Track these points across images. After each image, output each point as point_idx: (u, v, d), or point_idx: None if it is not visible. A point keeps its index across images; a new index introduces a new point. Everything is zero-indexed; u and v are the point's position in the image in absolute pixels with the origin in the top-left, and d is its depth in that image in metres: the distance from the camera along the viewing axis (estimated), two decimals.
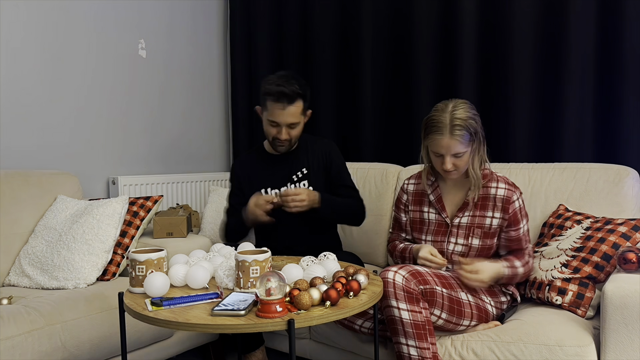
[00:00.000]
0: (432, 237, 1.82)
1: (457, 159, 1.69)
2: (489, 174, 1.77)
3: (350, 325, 1.79)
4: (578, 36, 2.22)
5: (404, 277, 1.54)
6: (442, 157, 1.69)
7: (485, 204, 1.75)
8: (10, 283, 2.06)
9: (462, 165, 1.70)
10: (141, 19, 2.91)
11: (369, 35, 2.80)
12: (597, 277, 1.70)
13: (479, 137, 1.69)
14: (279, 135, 2.03)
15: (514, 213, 1.73)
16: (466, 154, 1.68)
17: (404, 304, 1.52)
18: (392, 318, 1.55)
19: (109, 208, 2.12)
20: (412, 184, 1.92)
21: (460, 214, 1.78)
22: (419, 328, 1.53)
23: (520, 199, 1.75)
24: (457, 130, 1.64)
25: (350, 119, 2.93)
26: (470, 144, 1.67)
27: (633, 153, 2.15)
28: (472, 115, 1.67)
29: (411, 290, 1.53)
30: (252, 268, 1.38)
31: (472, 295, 1.67)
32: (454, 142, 1.65)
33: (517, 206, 1.73)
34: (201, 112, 3.28)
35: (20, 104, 2.43)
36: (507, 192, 1.73)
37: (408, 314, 1.52)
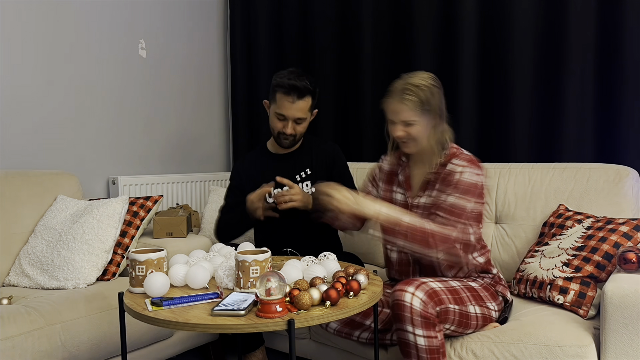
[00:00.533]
0: None
1: (408, 127, 1.65)
2: (454, 153, 1.71)
3: (348, 337, 1.78)
4: (578, 36, 2.22)
5: (422, 301, 1.47)
6: (395, 124, 1.66)
7: (445, 185, 1.68)
8: (10, 283, 2.06)
9: (414, 134, 1.65)
10: (141, 19, 2.91)
11: (369, 35, 2.80)
12: (598, 276, 1.70)
13: (434, 109, 1.65)
14: (285, 129, 2.04)
15: (447, 182, 1.64)
16: (418, 123, 1.64)
17: (421, 330, 1.47)
18: (406, 342, 1.50)
19: (109, 208, 2.11)
20: (387, 162, 1.88)
21: (421, 193, 1.73)
22: (433, 353, 1.49)
23: (467, 172, 1.63)
24: (406, 95, 1.62)
25: (351, 119, 2.93)
26: (422, 113, 1.63)
27: (633, 153, 2.15)
28: (427, 85, 1.64)
29: (429, 316, 1.48)
30: (252, 268, 1.37)
31: (479, 305, 1.64)
32: (402, 107, 1.63)
33: (456, 177, 1.63)
34: (201, 112, 3.28)
35: (21, 104, 2.43)
36: (454, 166, 1.66)
37: (424, 340, 1.48)
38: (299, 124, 2.05)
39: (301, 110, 2.01)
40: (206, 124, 3.32)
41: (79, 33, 2.63)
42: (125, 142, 2.87)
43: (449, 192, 1.63)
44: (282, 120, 2.04)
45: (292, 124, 2.03)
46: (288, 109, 2.00)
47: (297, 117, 2.02)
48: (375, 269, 2.36)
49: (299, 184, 2.13)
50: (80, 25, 2.64)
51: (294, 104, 1.99)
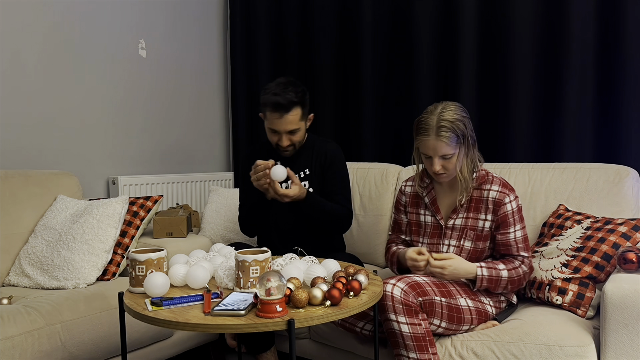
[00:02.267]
0: (428, 239, 1.82)
1: (445, 161, 1.68)
2: (484, 175, 1.76)
3: (352, 328, 1.79)
4: (578, 36, 2.22)
5: (402, 290, 1.53)
6: (431, 158, 1.69)
7: (478, 206, 1.74)
8: (10, 283, 2.06)
9: (451, 168, 1.70)
10: (141, 19, 2.91)
11: (369, 34, 2.80)
12: (597, 277, 1.70)
13: (467, 139, 1.69)
14: (280, 142, 2.05)
15: (504, 215, 1.71)
16: (454, 156, 1.68)
17: (403, 317, 1.53)
18: (392, 331, 1.55)
19: (109, 208, 2.11)
20: (410, 185, 1.91)
21: (454, 215, 1.77)
22: (419, 340, 1.53)
23: (513, 202, 1.71)
24: (443, 132, 1.64)
25: (350, 118, 2.93)
26: (457, 146, 1.67)
27: (633, 153, 2.15)
28: (460, 118, 1.67)
29: (410, 303, 1.53)
30: (252, 268, 1.38)
31: (472, 299, 1.66)
32: (440, 144, 1.65)
33: (508, 209, 1.71)
34: (201, 112, 3.28)
35: (21, 104, 2.43)
36: (499, 195, 1.71)
37: (407, 327, 1.53)
38: (293, 135, 2.04)
39: (291, 122, 2.00)
40: (206, 124, 3.32)
41: (79, 33, 2.63)
42: (125, 142, 2.87)
43: (514, 229, 1.71)
44: (276, 134, 2.04)
45: (286, 136, 2.03)
46: (278, 124, 2.00)
47: (288, 130, 2.01)
48: (375, 269, 2.36)
49: None
50: (81, 25, 2.63)
51: (282, 118, 1.98)
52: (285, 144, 2.05)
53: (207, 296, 1.29)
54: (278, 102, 1.96)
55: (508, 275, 1.68)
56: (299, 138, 2.08)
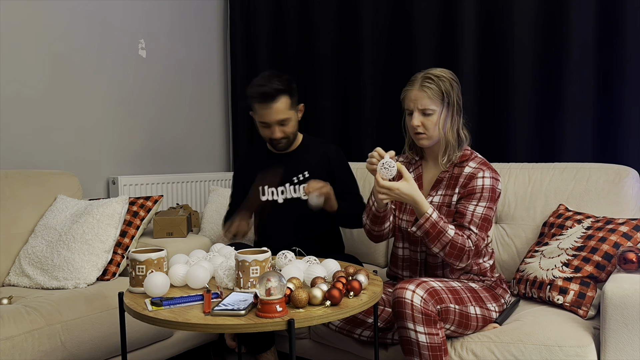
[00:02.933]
0: (408, 216, 1.78)
1: (425, 118, 1.65)
2: (469, 154, 1.74)
3: (350, 335, 1.79)
4: (578, 35, 2.22)
5: (422, 299, 1.48)
6: (412, 114, 1.67)
7: (455, 183, 1.71)
8: (10, 283, 2.06)
9: (431, 127, 1.66)
10: (141, 19, 2.91)
11: (369, 34, 2.80)
12: (598, 276, 1.70)
13: (452, 102, 1.66)
14: (273, 134, 2.03)
15: (472, 188, 1.65)
16: (435, 114, 1.65)
17: (422, 327, 1.48)
18: (408, 339, 1.51)
19: (109, 208, 2.11)
20: (400, 162, 1.88)
21: (433, 192, 1.74)
22: (435, 350, 1.50)
23: (487, 179, 1.65)
24: (427, 82, 1.63)
25: (351, 118, 2.93)
26: (440, 104, 1.64)
27: (633, 153, 2.15)
28: (447, 77, 1.66)
29: (429, 313, 1.48)
30: (252, 268, 1.37)
31: (480, 306, 1.64)
32: (422, 94, 1.63)
33: (478, 183, 1.65)
34: (201, 112, 3.28)
35: (21, 104, 2.43)
36: (474, 170, 1.68)
37: (425, 337, 1.49)
38: (284, 125, 2.03)
39: (279, 111, 1.99)
40: (206, 124, 3.32)
41: (79, 33, 2.63)
42: (125, 142, 2.87)
43: (475, 202, 1.64)
44: (267, 127, 2.03)
45: (277, 127, 2.02)
46: (266, 115, 1.99)
47: (278, 120, 2.00)
48: (375, 269, 2.36)
49: (296, 186, 2.12)
50: (81, 25, 2.63)
51: (269, 108, 1.97)
52: (278, 136, 2.03)
53: (207, 296, 1.29)
54: (264, 92, 1.96)
55: (453, 235, 1.57)
56: (291, 129, 2.06)
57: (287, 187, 2.12)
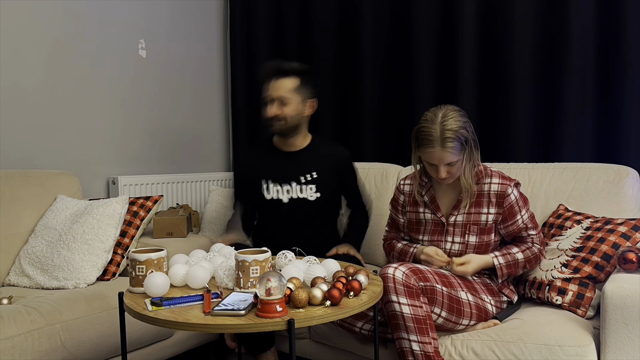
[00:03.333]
0: (429, 236, 1.82)
1: (450, 167, 1.69)
2: (483, 170, 1.77)
3: (350, 328, 1.79)
4: (578, 35, 2.22)
5: (404, 273, 1.55)
6: (436, 166, 1.69)
7: (479, 201, 1.75)
8: (10, 283, 2.06)
9: (455, 172, 1.70)
10: (141, 19, 2.91)
11: (370, 34, 2.80)
12: (597, 277, 1.70)
13: (470, 144, 1.69)
14: (270, 111, 2.02)
15: (510, 206, 1.73)
16: (459, 161, 1.69)
17: (405, 298, 1.53)
18: (393, 313, 1.55)
19: (109, 208, 2.11)
20: (408, 184, 1.91)
21: (454, 212, 1.77)
22: (420, 322, 1.54)
23: (515, 191, 1.74)
24: (449, 142, 1.63)
25: (351, 118, 2.93)
26: (462, 152, 1.67)
27: (633, 153, 2.15)
28: (462, 125, 1.66)
29: (411, 285, 1.54)
30: (252, 268, 1.38)
31: (472, 294, 1.67)
32: (446, 154, 1.64)
33: (512, 199, 1.73)
34: (201, 112, 3.28)
35: (21, 104, 2.43)
36: (500, 187, 1.73)
37: (409, 308, 1.53)
38: (284, 105, 2.00)
39: (283, 88, 1.98)
40: (206, 124, 3.32)
41: (79, 32, 2.63)
42: (125, 142, 2.87)
43: (520, 214, 1.75)
44: (267, 103, 2.03)
45: (276, 103, 2.00)
46: (270, 89, 2.00)
47: (279, 96, 1.98)
48: (375, 269, 2.36)
49: (303, 186, 2.11)
50: (81, 25, 2.64)
51: (277, 82, 1.99)
52: (273, 113, 2.01)
53: (207, 296, 1.29)
54: (276, 66, 2.01)
55: (524, 257, 1.74)
56: (291, 112, 2.02)
57: (293, 186, 2.10)
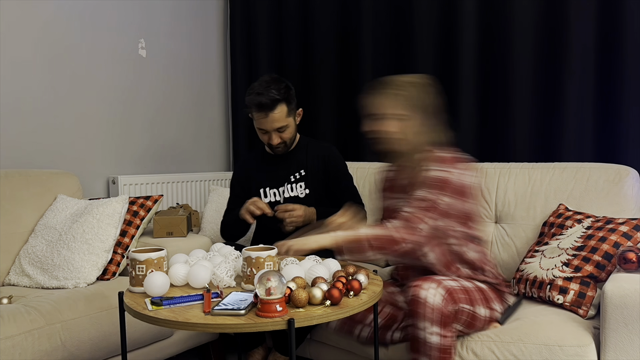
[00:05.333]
0: (397, 195, 1.77)
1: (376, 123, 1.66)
2: (426, 155, 1.66)
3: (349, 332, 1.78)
4: (578, 35, 2.22)
5: (444, 298, 1.46)
6: None
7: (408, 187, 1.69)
8: (10, 282, 2.06)
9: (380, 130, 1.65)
10: (141, 19, 2.91)
11: (369, 34, 2.80)
12: (598, 276, 1.70)
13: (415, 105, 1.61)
14: (270, 140, 2.06)
15: (419, 183, 1.59)
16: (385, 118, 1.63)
17: (438, 328, 1.45)
18: (417, 338, 1.48)
19: (109, 207, 2.11)
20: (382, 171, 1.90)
21: (387, 194, 1.78)
22: (445, 352, 1.48)
23: (433, 171, 1.58)
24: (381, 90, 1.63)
25: (350, 118, 2.93)
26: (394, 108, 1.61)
27: (633, 153, 2.15)
28: (405, 82, 1.63)
29: (447, 313, 1.46)
30: (267, 264, 1.40)
31: (488, 308, 1.63)
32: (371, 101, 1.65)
33: (423, 175, 1.60)
34: (201, 112, 3.28)
35: (21, 104, 2.43)
36: (425, 170, 1.62)
37: (439, 338, 1.46)
38: (282, 132, 2.05)
39: (277, 120, 2.00)
40: (206, 124, 3.32)
41: (79, 32, 2.63)
42: (125, 142, 2.87)
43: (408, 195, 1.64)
44: (265, 133, 2.05)
45: (275, 134, 2.04)
46: (265, 123, 2.01)
47: (276, 128, 2.02)
48: (375, 269, 2.36)
49: (294, 184, 2.13)
50: (81, 25, 2.64)
51: (268, 117, 1.99)
52: (276, 142, 2.06)
53: (207, 296, 1.29)
54: (260, 102, 1.97)
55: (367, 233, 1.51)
56: (289, 135, 2.08)
57: (286, 187, 2.14)
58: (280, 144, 2.08)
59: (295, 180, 2.13)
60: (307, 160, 2.15)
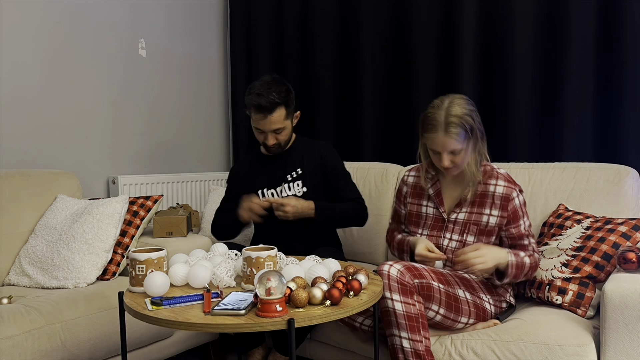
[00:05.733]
0: (429, 231, 1.81)
1: (454, 156, 1.68)
2: (490, 171, 1.76)
3: (351, 323, 1.79)
4: (578, 35, 2.22)
5: (399, 270, 1.54)
6: (440, 154, 1.68)
7: (483, 201, 1.74)
8: (10, 282, 2.06)
9: (460, 162, 1.69)
10: (141, 19, 2.91)
11: (369, 34, 2.80)
12: (597, 276, 1.70)
13: (475, 133, 1.67)
14: (266, 141, 2.08)
15: (514, 210, 1.72)
16: (463, 151, 1.67)
17: (398, 295, 1.53)
18: (386, 310, 1.55)
19: (109, 207, 2.11)
20: (413, 176, 1.91)
21: (457, 209, 1.77)
22: (411, 320, 1.53)
23: (520, 196, 1.73)
24: (452, 128, 1.62)
25: (351, 118, 2.93)
26: (466, 141, 1.66)
27: (633, 153, 2.15)
28: (468, 112, 1.65)
29: (405, 283, 1.53)
30: (267, 264, 1.40)
31: (470, 292, 1.67)
32: (449, 140, 1.64)
33: (516, 203, 1.72)
34: (201, 112, 3.29)
35: (21, 104, 2.43)
36: (505, 190, 1.72)
37: (401, 305, 1.52)
38: (278, 133, 2.07)
39: (275, 122, 2.03)
40: (206, 124, 3.32)
41: (79, 32, 2.63)
42: (125, 142, 2.87)
43: (522, 220, 1.74)
44: (262, 133, 2.07)
45: (271, 135, 2.06)
46: (262, 124, 2.03)
47: (273, 129, 2.04)
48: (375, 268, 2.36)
49: (291, 184, 2.13)
50: (81, 25, 2.64)
51: (266, 119, 2.01)
52: (271, 143, 2.08)
53: (207, 296, 1.30)
54: (260, 104, 1.98)
55: (530, 262, 1.69)
56: (285, 136, 2.10)
57: (283, 186, 2.14)
58: (275, 145, 2.10)
59: (292, 179, 2.14)
60: (303, 158, 2.16)
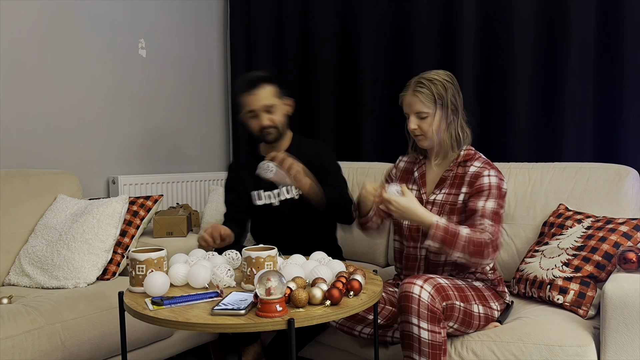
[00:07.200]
0: None
1: (421, 121, 1.70)
2: (472, 154, 1.76)
3: (350, 332, 1.79)
4: (578, 35, 2.22)
5: (430, 295, 1.48)
6: (409, 116, 1.71)
7: (460, 182, 1.73)
8: (10, 282, 2.06)
9: (427, 129, 1.70)
10: (141, 19, 2.91)
11: (369, 34, 2.80)
12: (598, 276, 1.70)
13: (446, 104, 1.68)
14: (261, 122, 2.04)
15: (479, 186, 1.67)
16: (430, 116, 1.69)
17: (426, 323, 1.48)
18: (409, 334, 1.50)
19: (109, 207, 2.11)
20: (404, 161, 1.92)
21: (436, 190, 1.76)
22: (435, 348, 1.49)
23: (493, 177, 1.67)
24: (419, 88, 1.68)
25: (351, 118, 2.93)
26: (434, 106, 1.68)
27: (633, 153, 2.15)
28: (441, 80, 1.69)
29: (435, 310, 1.48)
30: (267, 264, 1.40)
31: (483, 305, 1.64)
32: (415, 99, 1.68)
33: (485, 181, 1.67)
34: (201, 112, 3.28)
35: (21, 104, 2.43)
36: (478, 169, 1.70)
37: (428, 334, 1.48)
38: (271, 113, 2.04)
39: (264, 97, 2.01)
40: (206, 124, 3.32)
41: (79, 32, 2.63)
42: (125, 142, 2.87)
43: (485, 198, 1.65)
44: (255, 116, 2.05)
45: (264, 115, 2.03)
46: (252, 102, 2.02)
47: (264, 105, 2.02)
48: (375, 268, 2.36)
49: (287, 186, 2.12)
50: (81, 25, 2.64)
51: (254, 95, 2.00)
52: (266, 123, 2.03)
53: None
54: (247, 79, 2.03)
55: (468, 233, 1.56)
56: (279, 117, 2.06)
57: (280, 189, 2.13)
58: (271, 128, 2.05)
59: None
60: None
